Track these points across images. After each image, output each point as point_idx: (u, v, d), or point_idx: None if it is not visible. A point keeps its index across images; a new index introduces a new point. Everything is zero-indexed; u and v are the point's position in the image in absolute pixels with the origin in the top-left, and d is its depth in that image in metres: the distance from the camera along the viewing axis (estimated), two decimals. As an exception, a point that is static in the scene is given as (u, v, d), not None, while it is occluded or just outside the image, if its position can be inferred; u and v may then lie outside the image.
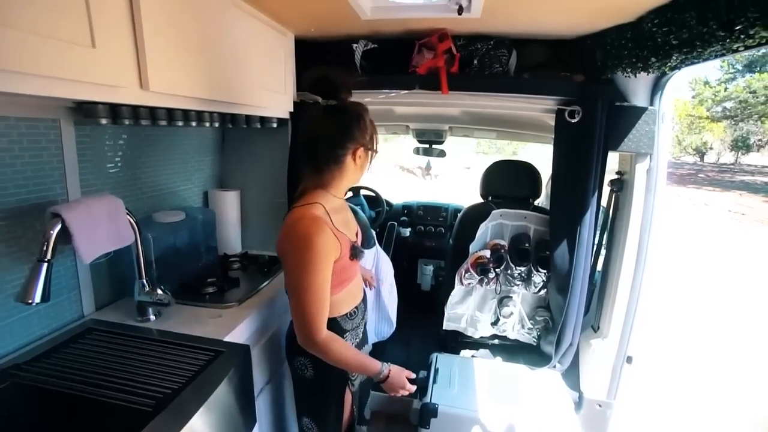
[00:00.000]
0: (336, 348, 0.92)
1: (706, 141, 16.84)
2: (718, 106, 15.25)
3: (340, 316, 1.04)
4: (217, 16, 1.01)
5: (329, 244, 0.89)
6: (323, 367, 0.99)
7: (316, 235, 0.87)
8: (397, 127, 2.17)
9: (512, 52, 1.37)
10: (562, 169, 1.40)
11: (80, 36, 0.63)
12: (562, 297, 1.46)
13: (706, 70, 18.42)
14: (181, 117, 1.21)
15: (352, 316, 1.08)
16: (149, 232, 1.13)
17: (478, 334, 1.78)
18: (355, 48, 1.46)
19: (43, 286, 0.79)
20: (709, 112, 15.41)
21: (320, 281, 0.89)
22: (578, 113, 1.31)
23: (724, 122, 15.53)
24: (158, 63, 0.78)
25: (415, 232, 2.61)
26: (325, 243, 0.88)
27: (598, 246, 1.57)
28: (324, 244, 0.88)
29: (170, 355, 0.94)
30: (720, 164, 17.19)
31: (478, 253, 1.56)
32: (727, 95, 14.89)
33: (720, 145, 17.07)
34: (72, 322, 1.06)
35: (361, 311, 1.13)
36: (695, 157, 17.65)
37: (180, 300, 1.18)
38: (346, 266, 0.99)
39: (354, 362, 0.97)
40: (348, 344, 0.98)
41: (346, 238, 0.98)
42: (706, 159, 17.69)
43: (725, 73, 15.33)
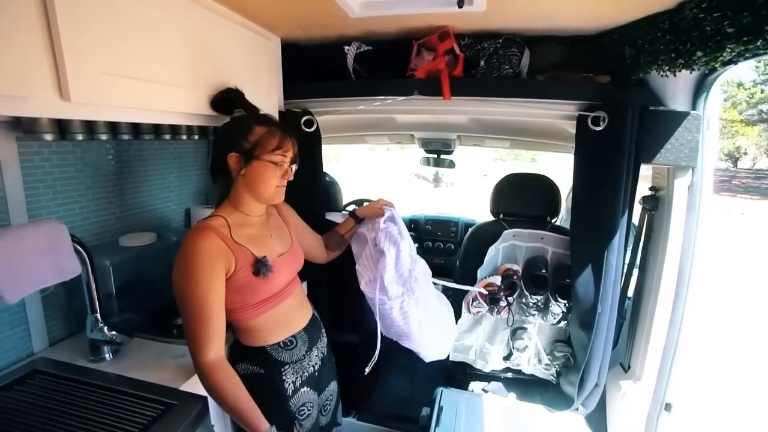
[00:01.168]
0: (218, 379, 0.82)
1: (739, 146, 15.93)
2: (753, 108, 14.42)
3: (270, 346, 0.97)
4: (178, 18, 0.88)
5: (212, 251, 0.83)
6: (263, 407, 0.87)
7: (195, 241, 0.83)
8: (401, 136, 2.02)
9: (524, 51, 1.20)
10: (585, 183, 1.21)
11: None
12: (586, 333, 1.25)
13: (739, 71, 17.54)
14: (150, 130, 1.09)
15: (288, 346, 0.99)
16: (109, 259, 1.01)
17: (488, 367, 1.58)
18: (347, 51, 1.32)
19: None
20: (743, 115, 14.59)
21: (200, 292, 0.81)
22: (604, 120, 1.12)
23: (759, 126, 14.66)
24: (83, 69, 0.65)
25: (422, 249, 2.42)
26: (204, 250, 0.82)
27: (627, 271, 1.36)
28: (203, 251, 0.82)
29: (116, 407, 0.80)
30: (756, 170, 16.20)
31: (487, 280, 1.37)
32: (763, 97, 14.08)
33: (755, 150, 16.11)
34: (18, 361, 0.94)
35: (304, 341, 1.03)
36: (728, 163, 16.71)
37: (144, 334, 1.05)
38: (251, 284, 0.90)
39: (232, 406, 0.83)
40: (238, 383, 0.85)
41: (247, 252, 0.90)
42: (739, 165, 16.72)
43: (761, 74, 14.50)
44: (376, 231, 1.14)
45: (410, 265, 1.14)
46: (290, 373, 0.99)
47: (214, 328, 0.83)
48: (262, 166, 0.92)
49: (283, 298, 0.99)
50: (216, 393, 0.82)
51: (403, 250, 1.11)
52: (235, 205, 0.95)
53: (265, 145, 0.92)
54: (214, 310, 0.83)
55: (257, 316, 0.95)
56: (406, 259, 1.12)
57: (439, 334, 1.28)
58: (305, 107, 1.43)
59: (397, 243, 1.11)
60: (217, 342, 0.84)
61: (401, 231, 1.14)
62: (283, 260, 1.01)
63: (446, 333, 1.34)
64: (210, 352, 0.82)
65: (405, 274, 1.13)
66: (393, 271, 1.11)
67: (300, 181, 1.41)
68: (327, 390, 1.17)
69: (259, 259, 0.91)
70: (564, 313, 1.36)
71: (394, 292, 1.12)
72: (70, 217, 1.02)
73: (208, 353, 0.82)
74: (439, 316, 1.28)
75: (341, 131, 1.96)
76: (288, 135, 0.96)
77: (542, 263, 1.37)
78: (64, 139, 0.88)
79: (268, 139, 0.92)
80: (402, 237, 1.13)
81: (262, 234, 0.99)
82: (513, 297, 1.40)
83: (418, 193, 2.18)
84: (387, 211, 1.17)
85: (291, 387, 0.99)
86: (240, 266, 0.88)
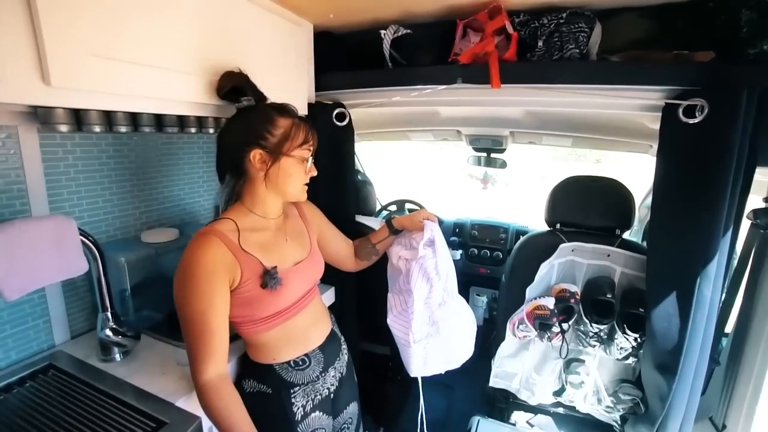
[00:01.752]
0: (214, 400, 0.74)
1: None
2: None
3: (279, 364, 0.88)
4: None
5: (215, 262, 0.75)
6: (268, 430, 0.81)
7: (197, 250, 0.75)
8: (446, 132, 1.84)
9: (594, 26, 0.98)
10: (672, 191, 0.96)
11: None
12: (665, 379, 0.99)
13: None
14: (174, 123, 1.05)
15: (299, 366, 0.90)
16: (125, 256, 0.98)
17: (534, 399, 1.36)
18: (383, 35, 1.18)
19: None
20: None
21: (200, 308, 0.74)
22: (702, 109, 0.87)
23: None
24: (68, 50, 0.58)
25: (466, 256, 2.22)
26: (206, 260, 0.74)
27: (726, 302, 1.07)
28: (205, 262, 0.74)
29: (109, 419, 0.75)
30: None
31: (537, 302, 1.16)
32: None
33: None
34: (40, 353, 0.94)
35: (318, 360, 0.92)
36: None
37: (157, 335, 1.01)
38: (259, 297, 0.81)
39: (227, 426, 0.74)
40: (237, 408, 0.76)
41: (255, 261, 0.81)
42: None
43: None
44: (411, 259, 1.02)
45: (442, 298, 1.01)
46: (300, 395, 0.89)
47: (214, 347, 0.75)
48: (290, 162, 0.84)
49: (296, 312, 0.89)
50: (211, 415, 0.74)
51: (435, 288, 0.98)
52: (250, 207, 0.87)
53: (294, 139, 0.83)
54: (215, 326, 0.75)
55: (265, 331, 0.86)
56: (438, 295, 1.00)
57: (450, 353, 1.11)
58: (337, 99, 1.32)
59: (431, 281, 0.98)
60: (217, 360, 0.75)
61: (438, 266, 0.99)
62: (299, 270, 0.90)
63: (459, 351, 1.14)
64: (208, 371, 0.75)
65: (435, 315, 1.01)
66: (422, 310, 1.00)
67: (330, 180, 1.33)
68: (345, 413, 1.05)
69: (268, 270, 0.82)
70: (634, 349, 1.11)
71: (420, 335, 1.01)
72: (92, 210, 1.01)
73: (206, 372, 0.74)
74: (459, 341, 1.10)
75: (380, 126, 1.83)
76: (311, 126, 0.87)
77: (607, 286, 1.13)
78: (81, 130, 0.85)
79: (296, 131, 0.83)
80: (438, 275, 0.99)
81: (276, 239, 0.89)
82: (568, 323, 1.17)
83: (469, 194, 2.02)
84: (428, 229, 1.01)
85: (300, 411, 0.89)
86: (246, 277, 0.79)
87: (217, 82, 0.88)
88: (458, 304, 1.07)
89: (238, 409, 0.76)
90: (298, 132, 0.84)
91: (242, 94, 0.87)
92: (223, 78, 0.88)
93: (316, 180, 1.28)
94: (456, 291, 1.07)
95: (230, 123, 0.87)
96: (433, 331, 1.01)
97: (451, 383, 2.09)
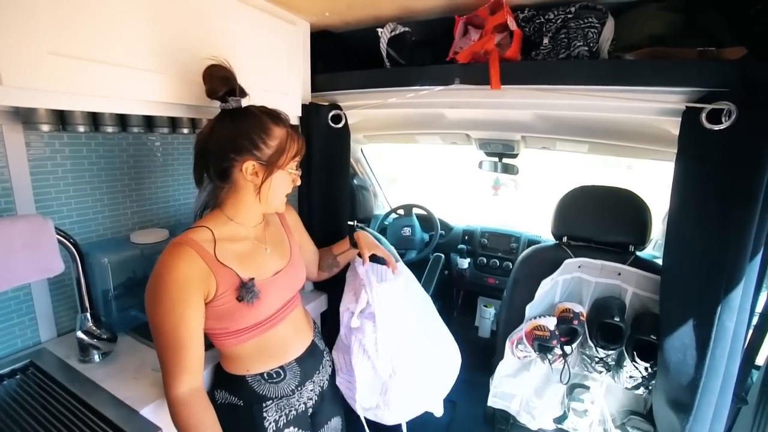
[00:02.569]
0: (183, 416, 0.71)
1: None
2: None
3: (252, 376, 0.84)
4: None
5: (190, 275, 0.72)
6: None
7: (170, 262, 0.72)
8: (454, 135, 1.76)
9: (606, 20, 0.88)
10: (691, 206, 0.85)
11: None
12: (678, 417, 0.88)
13: None
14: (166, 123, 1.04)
15: (273, 379, 0.86)
16: (108, 257, 0.98)
17: (535, 424, 1.26)
18: (380, 33, 1.13)
19: None
20: None
21: (172, 322, 0.71)
22: (729, 114, 0.76)
23: None
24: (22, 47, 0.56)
25: (475, 265, 2.13)
26: (179, 274, 0.71)
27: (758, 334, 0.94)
28: (178, 275, 0.71)
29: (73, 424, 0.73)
30: None
31: (537, 321, 1.07)
32: None
33: None
34: (25, 349, 0.95)
35: (294, 374, 0.88)
36: None
37: (142, 337, 1.00)
38: (234, 310, 0.78)
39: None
40: (208, 423, 0.73)
41: (231, 274, 0.77)
42: None
43: None
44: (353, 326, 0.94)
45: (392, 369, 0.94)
46: (273, 410, 0.85)
47: (187, 361, 0.72)
48: (281, 175, 0.81)
49: (274, 324, 0.86)
50: (181, 430, 0.71)
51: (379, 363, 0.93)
52: (230, 215, 0.83)
53: (288, 152, 0.79)
54: (188, 341, 0.72)
55: (242, 342, 0.83)
56: (385, 368, 0.93)
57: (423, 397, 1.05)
58: (334, 101, 1.28)
59: (372, 360, 0.93)
60: (190, 375, 0.73)
61: (379, 341, 0.91)
62: (278, 279, 0.86)
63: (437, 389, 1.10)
64: (180, 385, 0.72)
65: (387, 384, 0.94)
66: (367, 382, 0.96)
67: (324, 183, 1.29)
68: (326, 428, 1.01)
69: (245, 283, 0.78)
70: (645, 379, 1.00)
71: (369, 403, 0.97)
72: (81, 210, 1.01)
73: (178, 386, 0.72)
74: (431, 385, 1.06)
75: (385, 129, 1.77)
76: (300, 135, 0.83)
77: (617, 308, 1.02)
78: (65, 130, 0.85)
79: (291, 143, 0.79)
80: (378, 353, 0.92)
81: (255, 249, 0.85)
82: (571, 346, 1.07)
83: (485, 199, 1.94)
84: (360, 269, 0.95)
85: (272, 426, 0.85)
86: (222, 290, 0.76)
87: (207, 83, 0.82)
88: (425, 348, 1.01)
89: (210, 424, 0.73)
90: (293, 144, 0.80)
91: (230, 94, 0.82)
92: (212, 79, 0.81)
93: (309, 183, 1.25)
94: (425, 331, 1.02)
95: (217, 125, 0.80)
96: (382, 402, 0.95)
97: (454, 398, 2.01)
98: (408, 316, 0.99)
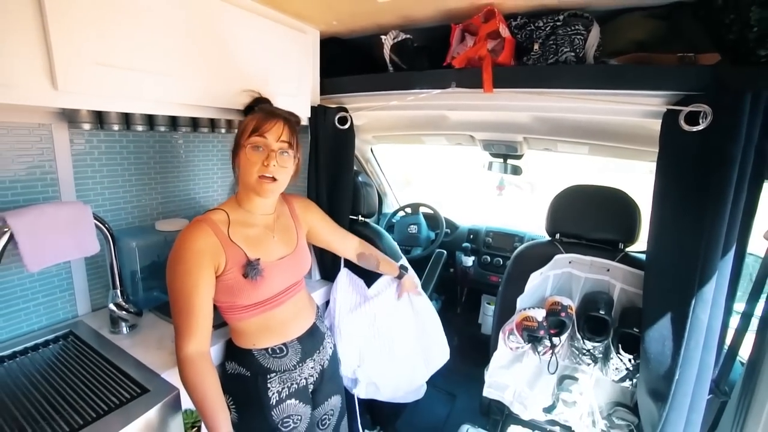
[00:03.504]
0: (189, 373, 0.81)
1: None
2: None
3: (258, 350, 0.94)
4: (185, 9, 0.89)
5: (202, 247, 0.83)
6: (244, 411, 0.93)
7: (188, 235, 0.83)
8: (459, 137, 1.82)
9: (592, 28, 0.93)
10: (669, 204, 0.89)
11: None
12: (657, 406, 0.92)
13: None
14: (187, 123, 1.17)
15: (276, 354, 0.95)
16: (136, 241, 1.10)
17: (527, 414, 1.31)
18: (383, 40, 1.21)
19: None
20: None
21: (186, 287, 0.81)
22: (705, 116, 0.80)
23: None
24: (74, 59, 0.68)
25: (479, 263, 2.18)
26: (195, 245, 0.82)
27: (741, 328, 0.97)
28: (193, 246, 0.82)
29: (105, 381, 0.85)
30: None
31: (526, 313, 1.12)
32: None
33: None
34: (65, 321, 1.08)
35: (296, 351, 0.97)
36: None
37: (163, 315, 1.12)
38: (240, 286, 0.87)
39: (198, 402, 0.80)
40: (210, 383, 0.82)
41: (239, 252, 0.87)
42: None
43: None
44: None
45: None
46: (276, 381, 0.95)
47: (196, 324, 0.82)
48: (242, 152, 0.88)
49: (277, 304, 0.95)
50: (186, 386, 0.81)
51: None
52: (240, 203, 0.94)
53: (245, 130, 0.87)
54: (198, 305, 0.82)
55: (246, 318, 0.92)
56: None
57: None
58: (342, 103, 1.37)
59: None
60: (198, 337, 0.82)
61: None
62: (283, 264, 0.96)
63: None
64: (189, 346, 0.82)
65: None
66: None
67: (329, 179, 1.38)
68: (326, 404, 1.10)
69: (251, 261, 0.88)
70: (629, 372, 1.04)
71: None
72: (113, 199, 1.14)
73: (186, 347, 0.82)
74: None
75: (392, 130, 1.85)
76: (273, 116, 0.89)
77: (604, 302, 1.07)
78: (103, 128, 0.98)
79: (249, 122, 0.88)
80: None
81: (263, 236, 0.95)
82: (559, 338, 1.12)
83: (494, 201, 1.96)
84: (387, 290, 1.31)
85: (275, 396, 0.94)
86: (230, 266, 0.86)
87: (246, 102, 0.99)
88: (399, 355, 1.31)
89: (211, 384, 0.83)
90: (252, 122, 0.87)
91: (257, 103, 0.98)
92: (251, 98, 1.00)
93: (317, 178, 1.35)
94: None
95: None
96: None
97: (454, 391, 2.06)
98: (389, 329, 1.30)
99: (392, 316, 1.30)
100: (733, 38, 0.78)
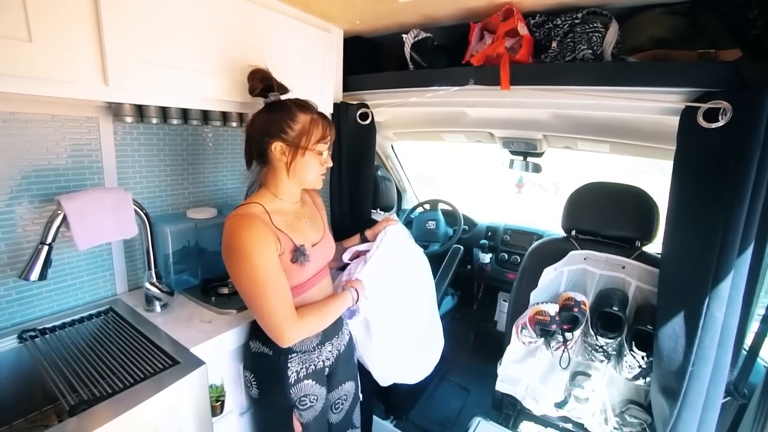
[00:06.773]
0: (307, 329, 0.92)
1: None
2: None
3: None
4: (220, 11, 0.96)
5: (262, 235, 0.85)
6: (265, 388, 0.98)
7: (244, 230, 0.84)
8: (478, 134, 1.83)
9: (610, 25, 0.94)
10: (686, 202, 0.89)
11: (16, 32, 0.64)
12: (669, 404, 0.92)
13: None
14: (218, 117, 1.24)
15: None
16: (169, 226, 1.18)
17: (539, 410, 1.32)
18: (404, 39, 1.25)
19: (42, 266, 0.87)
20: None
21: (265, 273, 0.84)
22: (725, 113, 0.80)
23: None
24: (123, 59, 0.76)
25: (496, 260, 2.18)
26: (256, 236, 0.84)
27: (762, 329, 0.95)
28: (255, 236, 0.84)
29: (140, 353, 0.93)
30: None
31: (539, 307, 1.14)
32: None
33: None
34: (105, 298, 1.18)
35: (318, 334, 1.02)
36: None
37: (193, 296, 1.20)
38: (287, 270, 0.90)
39: (329, 318, 0.98)
40: (317, 312, 0.95)
41: (287, 238, 0.92)
42: None
43: None
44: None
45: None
46: (296, 362, 0.99)
47: (285, 302, 0.87)
48: (308, 155, 0.93)
49: (307, 288, 0.99)
50: (317, 330, 0.97)
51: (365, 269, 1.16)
52: (275, 193, 0.96)
53: (312, 135, 0.92)
54: (279, 286, 0.86)
55: None
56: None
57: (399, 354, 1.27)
58: (364, 99, 1.42)
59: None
60: (289, 312, 0.87)
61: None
62: (317, 249, 1.01)
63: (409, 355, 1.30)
64: (291, 324, 0.87)
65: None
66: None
67: (350, 173, 1.43)
68: (340, 389, 1.15)
69: (298, 247, 0.92)
70: (643, 369, 1.04)
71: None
72: (150, 187, 1.23)
73: (289, 329, 0.87)
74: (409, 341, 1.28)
75: (412, 126, 1.89)
76: (329, 121, 0.96)
77: (618, 299, 1.07)
78: (143, 122, 1.07)
79: (314, 128, 0.92)
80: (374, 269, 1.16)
81: (297, 221, 0.99)
82: (572, 333, 1.13)
83: (515, 199, 1.95)
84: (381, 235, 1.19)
85: (294, 376, 0.99)
86: (282, 251, 0.90)
87: (249, 83, 0.99)
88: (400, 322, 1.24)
89: (319, 310, 0.96)
90: (316, 128, 0.92)
91: (270, 91, 0.97)
92: (253, 79, 0.98)
93: (339, 172, 1.41)
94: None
95: (257, 116, 0.95)
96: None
97: (468, 386, 2.08)
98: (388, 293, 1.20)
99: (399, 273, 1.21)
100: (757, 33, 0.77)
